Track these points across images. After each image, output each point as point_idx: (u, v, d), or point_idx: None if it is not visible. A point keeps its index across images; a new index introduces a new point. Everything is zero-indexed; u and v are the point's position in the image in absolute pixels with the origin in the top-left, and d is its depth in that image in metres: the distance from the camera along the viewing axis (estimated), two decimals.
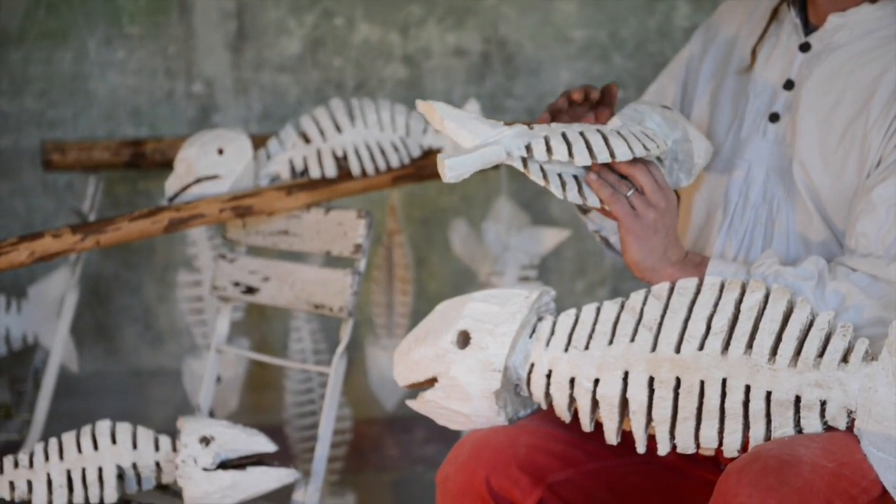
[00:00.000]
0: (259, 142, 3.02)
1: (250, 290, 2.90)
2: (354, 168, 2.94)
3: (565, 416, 2.23)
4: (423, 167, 3.01)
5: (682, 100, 2.58)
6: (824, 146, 2.34)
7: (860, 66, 2.34)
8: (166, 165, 3.51)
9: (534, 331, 2.26)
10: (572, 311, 2.25)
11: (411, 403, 2.31)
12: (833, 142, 2.34)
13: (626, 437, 2.22)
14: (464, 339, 2.24)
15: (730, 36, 2.52)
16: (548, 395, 2.24)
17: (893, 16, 2.35)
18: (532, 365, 2.24)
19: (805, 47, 2.40)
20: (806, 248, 2.37)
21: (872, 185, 2.27)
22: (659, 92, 2.61)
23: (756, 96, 2.44)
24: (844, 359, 2.11)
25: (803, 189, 2.36)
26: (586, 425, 2.22)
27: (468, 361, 2.23)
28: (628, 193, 2.24)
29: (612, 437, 2.20)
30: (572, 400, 2.22)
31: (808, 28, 2.42)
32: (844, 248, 2.30)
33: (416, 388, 2.30)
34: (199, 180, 2.88)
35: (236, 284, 2.92)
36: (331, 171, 2.93)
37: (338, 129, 2.95)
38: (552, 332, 2.24)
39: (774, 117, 2.40)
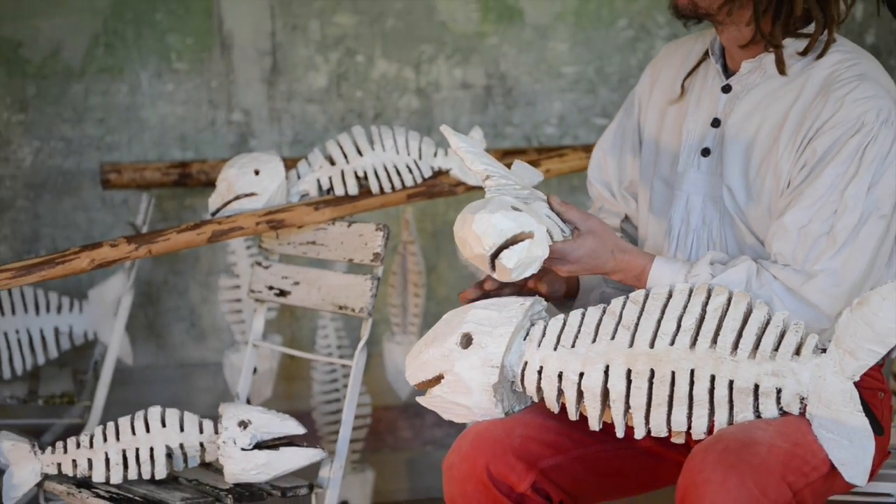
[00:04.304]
0: (290, 164, 3.02)
1: (282, 293, 2.90)
2: (373, 186, 2.95)
3: (554, 407, 2.24)
4: (433, 186, 3.01)
5: (639, 135, 2.56)
6: (747, 174, 2.33)
7: (773, 102, 2.32)
8: (209, 184, 3.53)
9: (528, 333, 2.27)
10: (560, 317, 2.25)
11: (421, 400, 2.31)
12: (754, 169, 2.33)
13: (608, 426, 2.22)
14: (467, 341, 2.24)
15: (671, 77, 2.50)
16: (539, 388, 2.24)
17: (796, 56, 2.32)
18: (525, 363, 2.24)
19: (727, 89, 2.38)
20: None
21: (783, 209, 2.26)
22: (619, 133, 2.58)
23: (689, 133, 2.42)
24: (797, 352, 2.13)
25: (734, 213, 2.35)
26: (572, 414, 2.22)
27: (470, 359, 2.23)
28: None
29: (594, 424, 2.21)
30: (560, 392, 2.22)
31: (729, 72, 2.40)
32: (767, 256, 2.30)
33: (425, 388, 2.30)
34: (237, 197, 2.88)
35: (270, 288, 2.92)
36: (353, 189, 2.93)
37: (359, 152, 2.96)
38: (543, 334, 2.25)
39: (706, 152, 2.39)
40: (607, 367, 2.18)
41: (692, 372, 2.14)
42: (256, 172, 2.89)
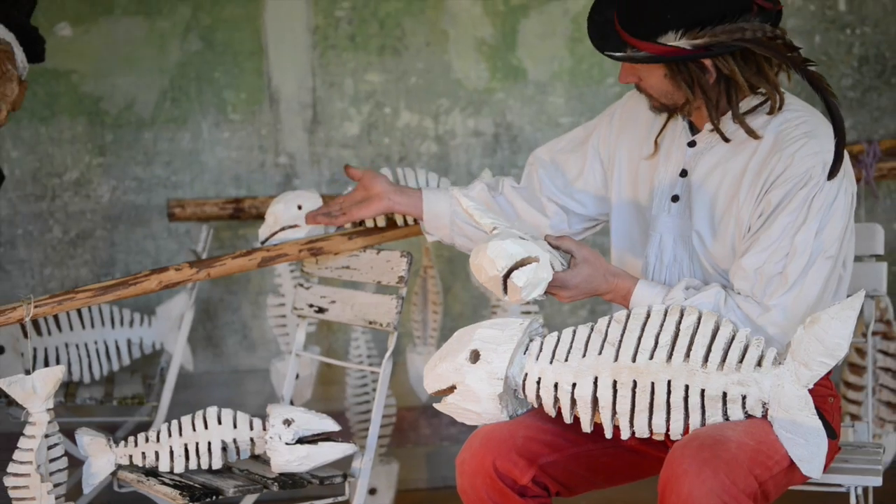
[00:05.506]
0: (328, 200, 3.02)
1: (321, 310, 2.90)
2: (399, 220, 2.94)
3: (551, 412, 2.23)
4: None
5: (602, 166, 2.52)
6: (712, 220, 2.33)
7: (733, 157, 2.31)
8: (259, 217, 3.54)
9: (527, 349, 2.26)
10: (555, 334, 2.25)
11: (437, 406, 2.30)
12: (718, 216, 2.32)
13: (598, 427, 2.21)
14: (475, 356, 2.24)
15: (641, 134, 2.46)
16: (538, 396, 2.23)
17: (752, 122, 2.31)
18: (526, 374, 2.24)
19: (692, 144, 2.37)
20: None
21: (743, 252, 2.26)
22: (564, 159, 2.57)
23: (660, 182, 2.40)
24: (759, 363, 2.12)
25: (701, 253, 2.34)
26: (567, 418, 2.21)
27: (478, 373, 2.22)
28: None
29: (586, 426, 2.20)
30: (556, 400, 2.22)
31: (694, 129, 2.38)
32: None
33: (441, 395, 2.29)
34: (283, 228, 2.87)
35: (311, 306, 2.92)
36: (381, 221, 2.93)
37: None
38: (540, 350, 2.24)
39: (675, 198, 2.38)
40: (596, 378, 2.17)
41: (669, 382, 2.13)
42: (299, 207, 2.88)
